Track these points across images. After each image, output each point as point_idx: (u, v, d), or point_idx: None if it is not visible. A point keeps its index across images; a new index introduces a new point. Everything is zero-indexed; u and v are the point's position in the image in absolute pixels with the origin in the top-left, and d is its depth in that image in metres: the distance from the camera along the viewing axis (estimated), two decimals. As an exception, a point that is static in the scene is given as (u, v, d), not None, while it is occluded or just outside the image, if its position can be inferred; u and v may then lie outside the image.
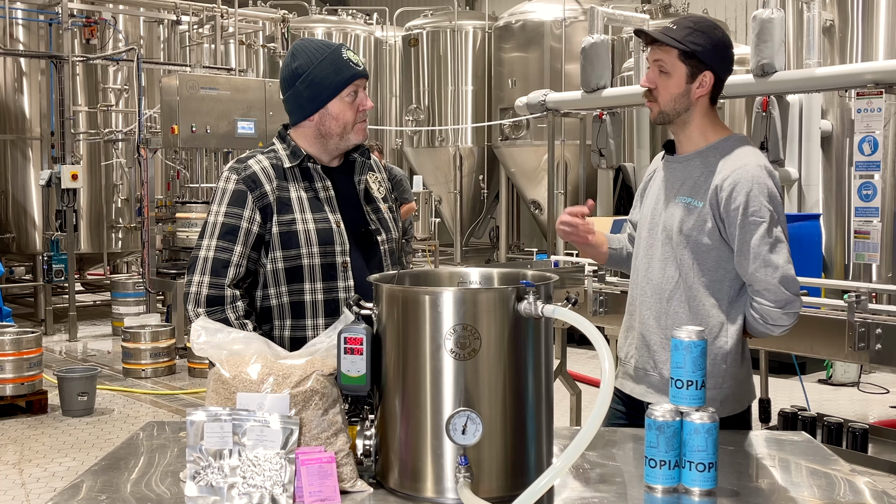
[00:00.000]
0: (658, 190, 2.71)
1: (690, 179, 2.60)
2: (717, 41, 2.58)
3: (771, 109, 5.97)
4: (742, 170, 2.52)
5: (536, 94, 7.95)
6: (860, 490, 2.06)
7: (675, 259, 2.60)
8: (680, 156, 2.68)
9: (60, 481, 5.35)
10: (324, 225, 2.52)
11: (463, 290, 2.05)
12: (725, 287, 2.58)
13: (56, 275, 10.06)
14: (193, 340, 2.15)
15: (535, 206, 12.15)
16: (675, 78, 2.56)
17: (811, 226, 6.10)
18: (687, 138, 2.64)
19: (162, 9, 11.71)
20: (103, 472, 2.14)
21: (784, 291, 2.50)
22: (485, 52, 12.90)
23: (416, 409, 1.94)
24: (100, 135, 11.07)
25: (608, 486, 2.08)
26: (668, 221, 2.62)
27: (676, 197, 2.61)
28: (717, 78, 2.59)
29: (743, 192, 2.49)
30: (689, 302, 2.58)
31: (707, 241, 2.55)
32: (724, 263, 2.56)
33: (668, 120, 2.62)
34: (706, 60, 2.55)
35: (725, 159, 2.56)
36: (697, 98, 2.58)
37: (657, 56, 2.58)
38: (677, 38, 2.53)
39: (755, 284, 2.52)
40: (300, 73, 2.53)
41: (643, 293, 2.68)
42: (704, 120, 2.62)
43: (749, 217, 2.49)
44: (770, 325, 2.54)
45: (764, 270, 2.49)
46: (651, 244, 2.68)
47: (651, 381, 2.64)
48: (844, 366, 7.46)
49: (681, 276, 2.59)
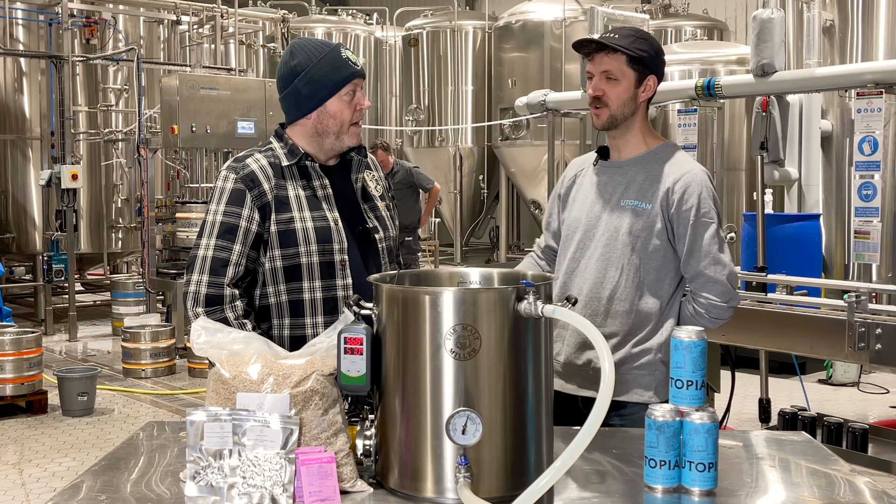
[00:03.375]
0: (592, 194, 2.81)
1: (635, 183, 2.74)
2: (658, 48, 2.76)
3: (771, 109, 5.97)
4: (691, 174, 2.69)
5: (536, 94, 7.94)
6: (860, 490, 2.06)
7: (619, 260, 2.71)
8: (619, 160, 2.80)
9: (60, 481, 5.35)
10: (322, 223, 2.52)
11: (463, 290, 2.05)
12: (666, 286, 2.73)
13: (56, 275, 10.06)
14: (193, 340, 2.15)
15: (535, 206, 12.15)
16: (623, 83, 2.71)
17: (811, 226, 6.11)
18: (626, 143, 2.79)
19: (162, 9, 11.71)
20: (103, 472, 2.14)
21: (730, 287, 2.70)
22: (485, 52, 12.90)
23: (416, 409, 1.94)
24: (100, 135, 11.07)
25: (608, 486, 2.08)
26: (614, 224, 2.73)
27: (621, 200, 2.74)
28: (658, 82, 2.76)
29: (695, 195, 2.66)
30: (632, 301, 2.71)
31: (656, 241, 2.69)
32: (668, 263, 2.72)
33: (616, 124, 2.75)
34: (650, 65, 2.72)
35: (670, 164, 2.72)
36: (641, 102, 2.74)
37: (605, 66, 2.71)
38: (624, 45, 2.68)
39: (703, 281, 2.69)
40: (299, 70, 2.53)
41: (577, 292, 2.75)
42: (644, 125, 2.79)
43: (701, 218, 2.67)
44: (713, 318, 2.72)
45: (714, 268, 2.67)
46: (585, 245, 2.78)
47: (584, 376, 2.75)
48: (844, 366, 7.46)
49: (623, 275, 2.71)
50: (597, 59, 2.72)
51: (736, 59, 9.22)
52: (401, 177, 9.47)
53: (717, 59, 9.33)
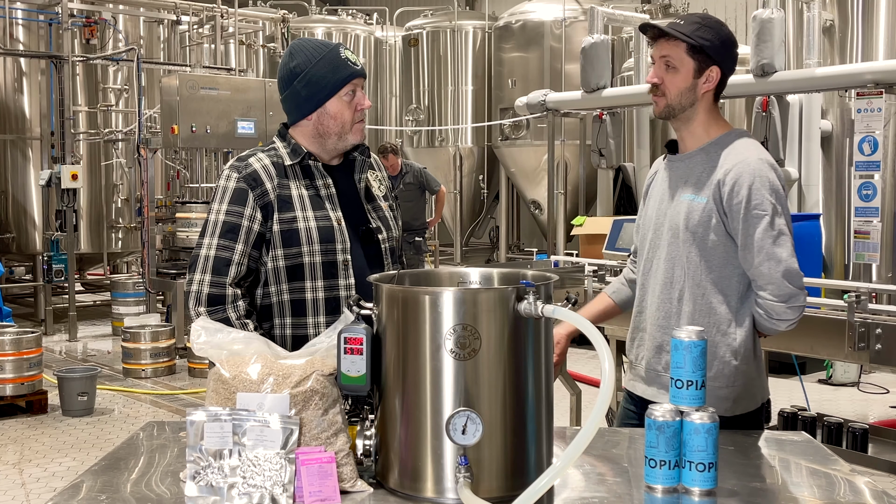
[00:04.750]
0: (661, 190, 2.70)
1: (693, 176, 2.60)
2: (725, 38, 2.58)
3: (771, 109, 5.98)
4: (743, 163, 2.52)
5: (536, 94, 7.95)
6: (860, 490, 2.06)
7: (682, 257, 2.59)
8: (683, 154, 2.67)
9: (60, 481, 5.35)
10: (325, 223, 2.52)
11: (463, 290, 2.05)
12: (734, 283, 2.56)
13: (56, 275, 10.06)
14: (193, 340, 2.15)
15: (535, 206, 12.15)
16: (682, 72, 2.56)
17: (811, 226, 6.10)
18: (690, 135, 2.64)
19: (162, 9, 11.70)
20: (103, 472, 2.14)
21: (787, 285, 2.48)
22: (485, 52, 12.90)
23: (416, 409, 1.94)
24: (100, 135, 11.07)
25: (608, 486, 2.08)
26: (674, 219, 2.61)
27: (681, 195, 2.61)
28: (723, 74, 2.60)
29: (745, 186, 2.49)
30: (698, 300, 2.57)
31: (713, 237, 2.54)
32: (732, 259, 2.55)
33: (673, 114, 2.61)
34: (713, 55, 2.56)
35: (726, 153, 2.56)
36: (703, 93, 2.58)
37: (664, 51, 2.58)
38: (686, 32, 2.54)
39: (759, 279, 2.51)
40: (298, 72, 2.53)
41: (652, 293, 2.68)
42: (708, 116, 2.62)
43: (752, 210, 2.49)
44: (775, 320, 2.52)
45: (767, 264, 2.48)
46: (656, 244, 2.68)
47: (662, 382, 2.60)
48: (844, 366, 7.46)
49: (688, 274, 2.58)
50: (658, 44, 2.59)
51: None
52: (411, 178, 9.44)
53: (717, 59, 9.32)
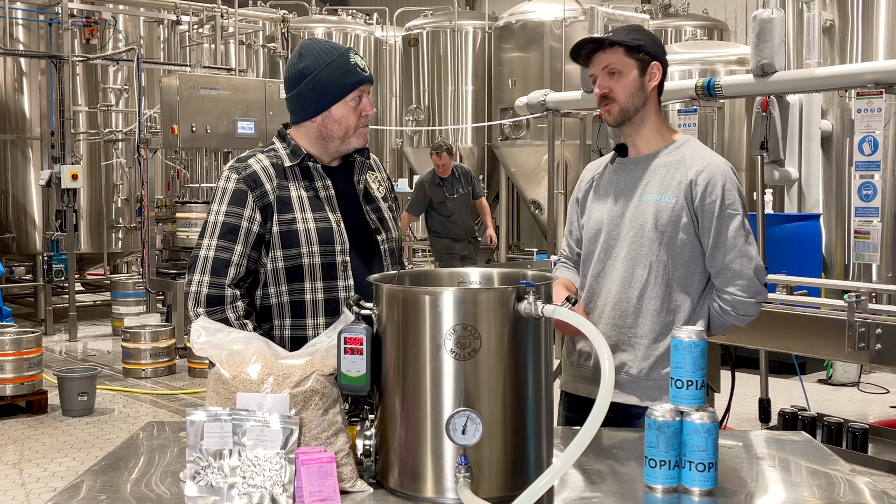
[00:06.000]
0: (612, 193, 2.76)
1: (656, 177, 2.68)
2: (654, 36, 2.74)
3: (771, 109, 5.97)
4: (713, 165, 2.64)
5: (536, 94, 7.94)
6: (860, 490, 2.06)
7: (648, 256, 2.65)
8: (638, 157, 2.75)
9: (60, 481, 5.35)
10: (324, 224, 2.52)
11: (463, 290, 2.05)
12: (696, 282, 2.67)
13: (56, 275, 10.06)
14: (193, 340, 2.15)
15: (535, 206, 12.15)
16: (627, 75, 2.67)
17: (811, 226, 6.11)
18: (642, 138, 2.74)
19: (162, 9, 11.71)
20: (103, 472, 2.14)
21: (757, 282, 2.62)
22: (485, 52, 12.90)
23: (416, 409, 1.94)
24: (100, 135, 11.07)
25: (608, 486, 2.08)
26: (638, 219, 2.67)
27: (643, 196, 2.68)
28: (664, 70, 2.72)
29: (719, 186, 2.61)
30: (662, 298, 2.64)
31: (682, 235, 2.63)
32: (696, 258, 2.66)
33: (628, 117, 2.70)
34: (652, 52, 2.69)
35: (691, 157, 2.67)
36: (651, 91, 2.70)
37: (605, 62, 2.69)
38: (620, 37, 2.68)
39: (728, 275, 2.61)
40: (306, 73, 2.53)
41: (606, 293, 2.71)
42: (658, 118, 2.74)
43: (726, 210, 2.60)
44: (740, 314, 2.64)
45: (740, 261, 2.60)
46: (611, 245, 2.72)
47: (618, 381, 2.63)
48: (844, 366, 7.46)
49: (652, 273, 2.65)
50: (595, 59, 2.70)
51: (736, 59, 9.22)
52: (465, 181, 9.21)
53: (717, 59, 9.34)
